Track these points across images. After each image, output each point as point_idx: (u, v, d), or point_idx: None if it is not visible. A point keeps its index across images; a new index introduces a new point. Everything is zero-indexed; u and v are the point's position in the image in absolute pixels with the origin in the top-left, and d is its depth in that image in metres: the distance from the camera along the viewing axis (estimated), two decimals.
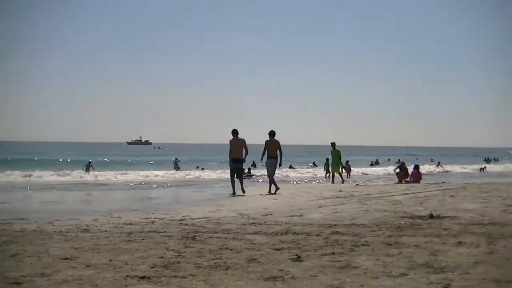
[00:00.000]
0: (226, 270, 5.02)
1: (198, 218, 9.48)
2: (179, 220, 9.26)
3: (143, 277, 4.75)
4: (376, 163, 52.65)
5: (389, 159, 63.40)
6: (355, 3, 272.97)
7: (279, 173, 29.75)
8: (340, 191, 15.55)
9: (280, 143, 16.54)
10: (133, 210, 11.53)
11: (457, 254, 5.52)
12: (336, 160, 23.66)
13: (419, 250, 5.77)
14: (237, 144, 16.20)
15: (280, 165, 16.71)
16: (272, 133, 16.56)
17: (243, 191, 15.95)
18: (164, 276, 4.81)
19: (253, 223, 8.55)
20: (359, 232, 7.20)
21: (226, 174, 17.61)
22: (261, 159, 16.73)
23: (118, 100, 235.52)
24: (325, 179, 28.39)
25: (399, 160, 29.38)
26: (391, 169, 33.39)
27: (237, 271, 4.97)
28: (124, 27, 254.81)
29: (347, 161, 34.88)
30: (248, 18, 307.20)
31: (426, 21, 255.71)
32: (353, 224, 8.17)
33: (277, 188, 16.31)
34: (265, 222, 8.74)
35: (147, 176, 30.04)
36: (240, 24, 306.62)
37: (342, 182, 22.77)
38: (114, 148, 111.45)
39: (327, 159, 28.67)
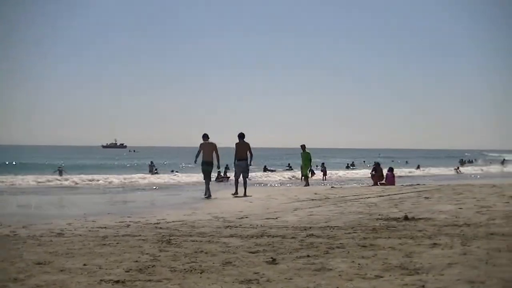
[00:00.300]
0: (201, 273, 5.00)
1: (173, 222, 9.45)
2: (154, 223, 9.21)
3: (117, 281, 4.71)
4: (352, 165, 53.04)
5: (364, 161, 64.10)
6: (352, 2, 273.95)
7: (254, 176, 29.85)
8: (316, 193, 15.62)
9: (250, 145, 16.69)
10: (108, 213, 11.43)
11: (432, 255, 5.57)
12: (305, 162, 23.66)
13: (394, 252, 5.81)
14: (207, 147, 16.38)
15: (250, 165, 16.82)
16: (241, 135, 16.77)
17: (205, 194, 16.21)
18: (139, 280, 4.77)
19: (228, 226, 8.54)
20: (334, 235, 7.22)
21: (201, 177, 17.53)
22: (234, 163, 16.83)
23: (92, 103, 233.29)
24: (300, 181, 28.42)
25: (375, 162, 29.53)
26: (366, 171, 33.63)
27: (212, 274, 4.96)
28: (101, 29, 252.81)
29: (322, 163, 35.07)
30: (230, 18, 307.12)
31: (426, 21, 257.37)
32: (328, 226, 8.20)
33: (236, 192, 16.57)
34: (240, 225, 8.73)
35: (122, 179, 29.74)
36: (220, 24, 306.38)
37: (307, 185, 22.79)
38: (89, 152, 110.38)
39: None
